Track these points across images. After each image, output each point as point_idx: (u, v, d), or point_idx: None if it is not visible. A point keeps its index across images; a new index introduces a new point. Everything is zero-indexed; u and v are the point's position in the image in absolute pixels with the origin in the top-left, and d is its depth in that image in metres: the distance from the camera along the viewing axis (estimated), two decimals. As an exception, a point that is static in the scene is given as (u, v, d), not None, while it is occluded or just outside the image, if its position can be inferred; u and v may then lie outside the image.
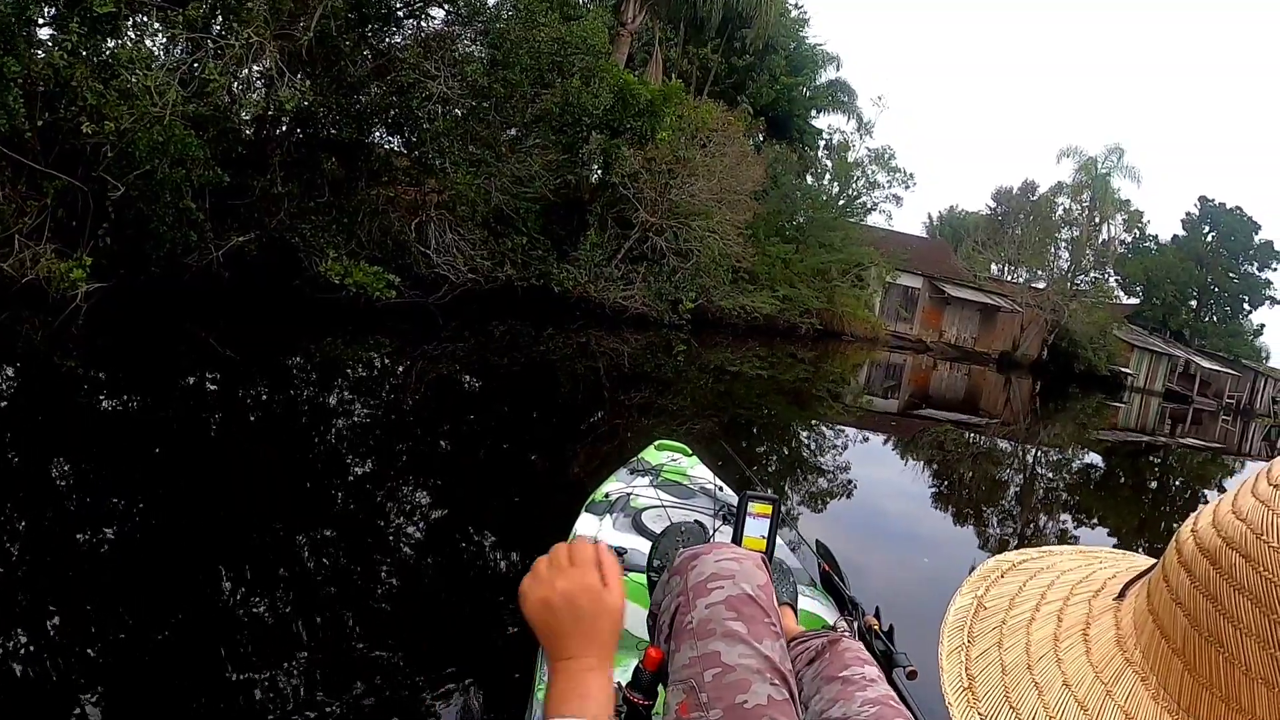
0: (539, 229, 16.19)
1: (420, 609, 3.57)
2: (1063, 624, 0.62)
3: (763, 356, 18.14)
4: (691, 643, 1.41)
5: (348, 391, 7.96)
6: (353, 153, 12.13)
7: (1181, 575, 0.53)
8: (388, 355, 10.49)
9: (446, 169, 12.55)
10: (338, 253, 11.05)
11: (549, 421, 8.50)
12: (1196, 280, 45.92)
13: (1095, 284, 36.30)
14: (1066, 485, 11.27)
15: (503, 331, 13.52)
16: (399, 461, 6.06)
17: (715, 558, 1.56)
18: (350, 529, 4.32)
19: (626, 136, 16.26)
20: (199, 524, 4.02)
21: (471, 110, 12.69)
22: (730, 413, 10.93)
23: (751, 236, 21.32)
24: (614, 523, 2.82)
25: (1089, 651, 0.59)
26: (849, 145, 32.14)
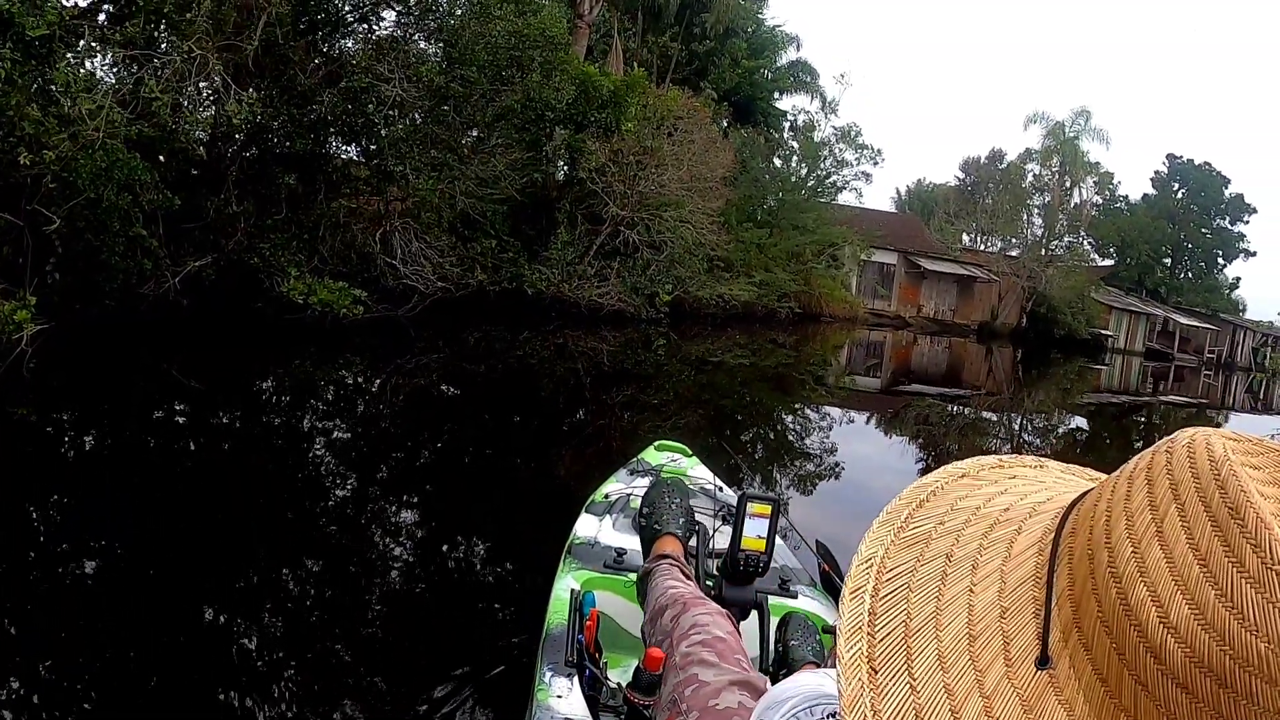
0: (508, 231, 15.84)
1: (422, 613, 3.60)
2: None
3: (743, 344, 18.05)
4: (676, 674, 1.65)
5: (323, 414, 7.64)
6: (309, 165, 11.68)
7: (1175, 692, 0.49)
8: (360, 374, 10.10)
9: (408, 175, 12.10)
10: (300, 271, 10.62)
11: (531, 427, 8.29)
12: (1170, 238, 46.09)
13: (1070, 248, 36.36)
14: (1054, 451, 11.21)
15: (477, 339, 13.22)
16: (387, 477, 5.92)
17: (692, 614, 1.83)
18: (349, 540, 4.35)
19: (591, 130, 15.92)
20: (189, 559, 3.87)
21: (430, 112, 12.25)
22: (714, 404, 10.84)
23: (724, 223, 21.07)
24: (614, 523, 2.84)
25: None
26: (814, 125, 31.93)
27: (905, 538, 0.66)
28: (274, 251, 10.71)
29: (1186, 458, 0.53)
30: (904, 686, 0.58)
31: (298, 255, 10.98)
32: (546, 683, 1.87)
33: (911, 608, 0.62)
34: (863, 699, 0.58)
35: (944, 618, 0.61)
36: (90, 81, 8.83)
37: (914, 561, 0.64)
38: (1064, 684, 0.55)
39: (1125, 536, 0.53)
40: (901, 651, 0.60)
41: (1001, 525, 0.65)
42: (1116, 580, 0.53)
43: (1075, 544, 0.58)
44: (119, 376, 8.01)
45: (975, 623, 0.60)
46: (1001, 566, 0.62)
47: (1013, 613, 0.60)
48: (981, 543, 0.64)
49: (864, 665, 0.60)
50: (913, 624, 0.61)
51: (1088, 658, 0.54)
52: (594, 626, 2.06)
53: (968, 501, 0.68)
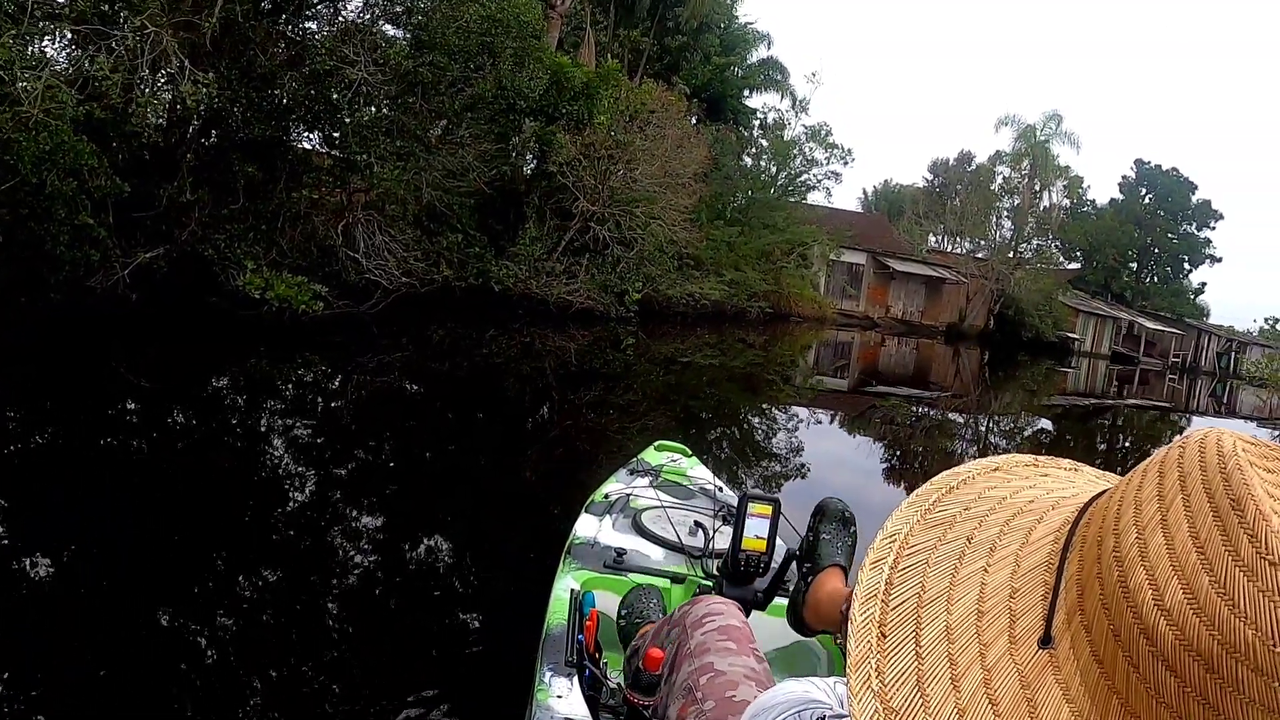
0: (474, 225, 15.46)
1: (422, 613, 3.58)
2: (999, 707, 0.57)
3: (712, 344, 17.88)
4: (690, 660, 1.63)
5: (286, 415, 7.18)
6: (269, 153, 11.19)
7: (1164, 675, 0.52)
8: (321, 373, 9.59)
9: (372, 165, 11.60)
10: (256, 264, 10.14)
11: (494, 427, 7.96)
12: (1136, 242, 46.68)
13: (1039, 251, 36.61)
14: (1020, 451, 11.05)
15: (442, 336, 12.85)
16: (361, 479, 5.71)
17: (705, 604, 1.82)
18: (340, 543, 4.30)
19: (562, 122, 15.53)
20: (168, 567, 3.70)
21: (397, 99, 11.75)
22: (682, 404, 10.62)
23: (695, 221, 20.84)
24: (614, 523, 2.83)
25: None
26: (785, 123, 31.83)
27: (930, 519, 0.69)
28: (230, 243, 10.23)
29: (1198, 452, 0.55)
30: (909, 652, 0.61)
31: (255, 247, 10.51)
32: (546, 683, 1.86)
33: (927, 581, 0.65)
34: (869, 660, 0.62)
35: (956, 593, 0.63)
36: (38, 59, 8.38)
37: (935, 541, 0.67)
38: (1063, 664, 0.57)
39: (1131, 523, 0.55)
40: (912, 620, 0.63)
41: (1024, 515, 0.67)
42: (1119, 564, 0.55)
43: (1088, 532, 0.60)
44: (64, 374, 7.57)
45: (985, 600, 0.62)
46: (1018, 551, 0.64)
47: (1022, 593, 0.62)
48: (1002, 529, 0.66)
49: (874, 629, 0.63)
50: (925, 596, 0.64)
51: (1087, 639, 0.56)
52: (594, 626, 2.07)
53: (995, 491, 0.71)
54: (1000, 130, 41.77)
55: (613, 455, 7.05)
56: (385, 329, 11.66)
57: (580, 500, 3.11)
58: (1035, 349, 34.02)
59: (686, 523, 2.83)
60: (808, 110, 31.88)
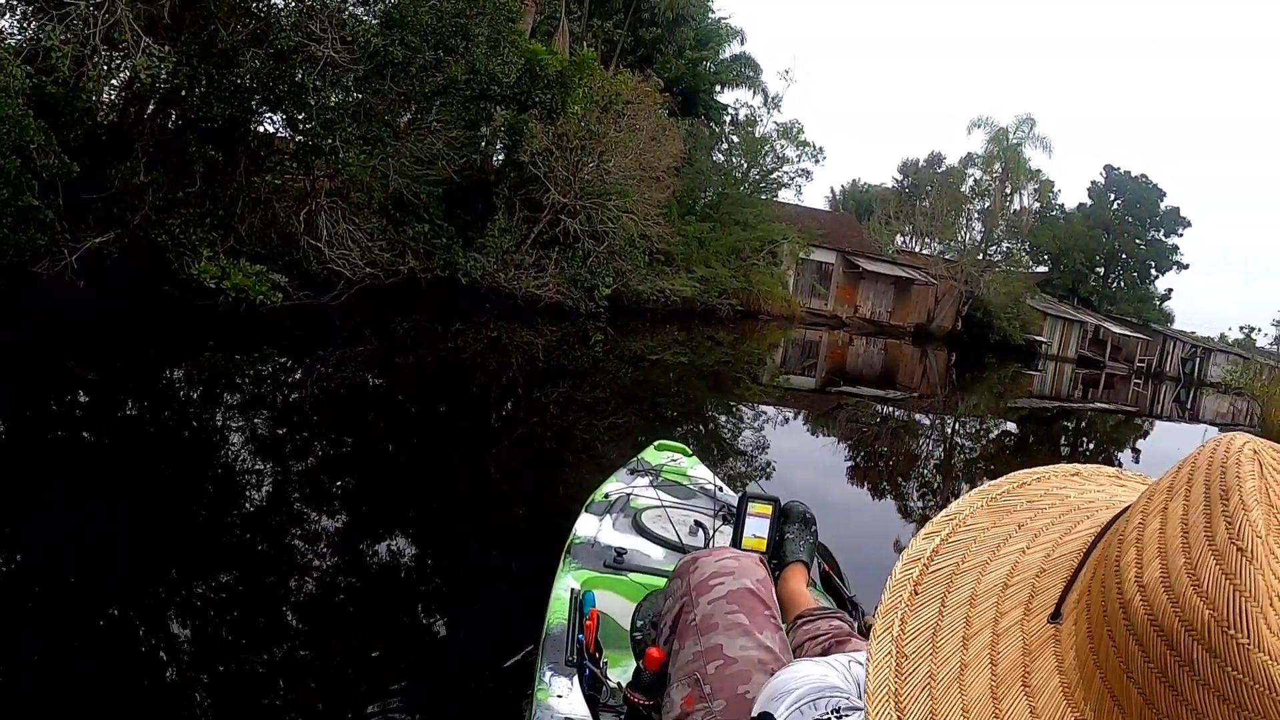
0: (442, 215, 15.05)
1: (422, 613, 3.58)
2: (998, 668, 0.61)
3: (682, 341, 17.74)
4: (695, 637, 1.49)
5: (241, 414, 6.77)
6: (229, 134, 10.71)
7: (1134, 650, 0.54)
8: (279, 368, 9.09)
9: (337, 149, 11.06)
10: (213, 251, 9.65)
11: (464, 425, 7.69)
12: (1104, 247, 47.18)
13: (1009, 254, 36.75)
14: (985, 454, 11.45)
15: (407, 329, 12.48)
16: (333, 482, 5.50)
17: (715, 559, 1.66)
18: (335, 541, 4.24)
19: (535, 111, 15.16)
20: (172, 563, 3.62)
21: (365, 81, 11.19)
22: (649, 401, 10.50)
23: (665, 215, 20.58)
24: (614, 523, 2.83)
25: (1034, 711, 0.59)
26: (756, 120, 31.68)
27: (991, 505, 0.71)
28: (185, 228, 9.71)
29: (1212, 450, 0.57)
30: (934, 610, 0.65)
31: (211, 233, 10.00)
32: (546, 682, 1.86)
33: (968, 555, 0.68)
34: (896, 611, 0.66)
35: (990, 567, 0.66)
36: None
37: (989, 524, 0.70)
38: (1064, 638, 0.60)
39: (1140, 510, 0.58)
40: (944, 584, 0.66)
41: (1078, 511, 0.69)
42: (1120, 545, 0.57)
43: (1119, 524, 0.62)
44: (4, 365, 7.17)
45: (1014, 575, 0.65)
46: (1058, 539, 0.67)
47: (1048, 573, 0.64)
48: (1053, 520, 0.69)
49: (909, 587, 0.67)
50: (963, 566, 0.67)
51: (1087, 616, 0.59)
52: (594, 626, 2.05)
53: (1061, 492, 0.73)
54: (973, 132, 41.72)
55: (579, 455, 7.05)
56: (348, 321, 11.27)
57: (554, 499, 3.34)
58: (1002, 351, 34.21)
59: (686, 522, 2.83)
60: (780, 107, 31.67)
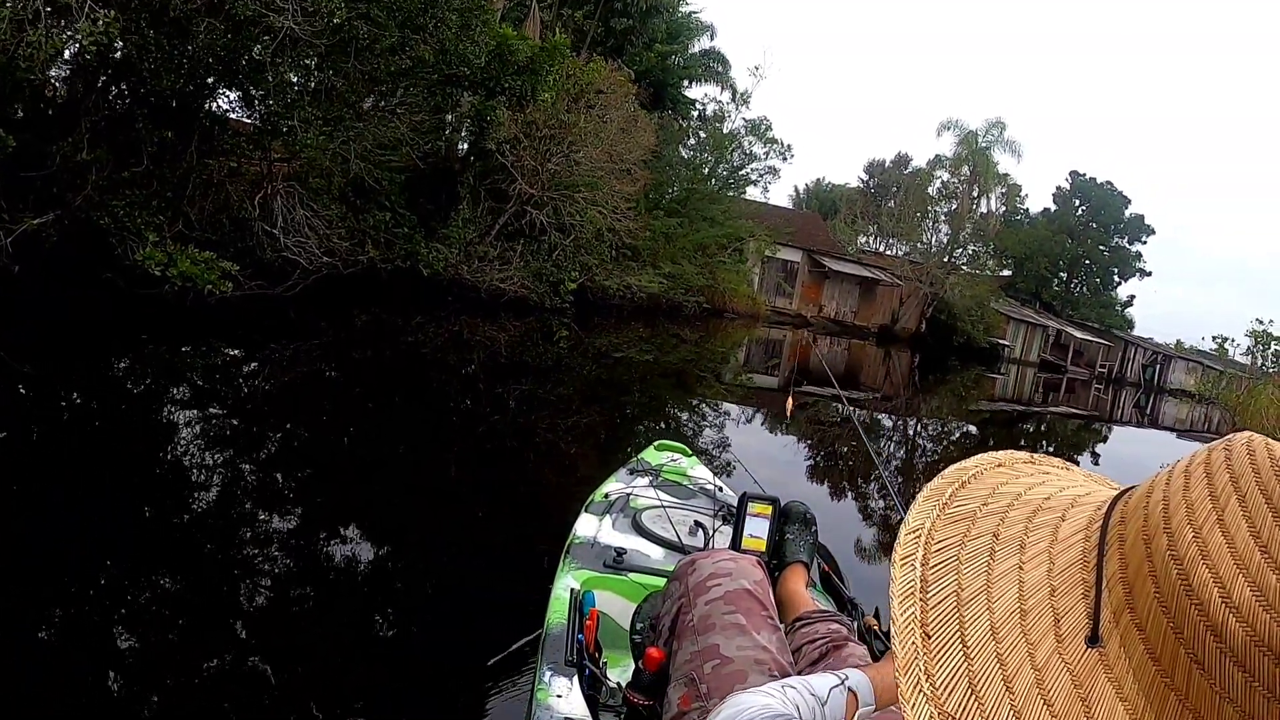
0: (404, 203, 14.50)
1: (422, 613, 3.56)
2: (1055, 707, 0.58)
3: (647, 339, 17.49)
4: (693, 638, 1.51)
5: (184, 409, 6.33)
6: (180, 110, 10.11)
7: (1233, 671, 0.52)
8: (228, 362, 8.47)
9: (296, 129, 10.47)
10: (159, 236, 9.03)
11: (423, 422, 7.34)
12: (1068, 253, 47.54)
13: (975, 257, 36.85)
14: (946, 456, 11.36)
15: (366, 322, 12.00)
16: (301, 481, 5.30)
17: (713, 560, 1.69)
18: (335, 544, 4.16)
19: (504, 98, 14.68)
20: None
21: (327, 57, 10.53)
22: (613, 400, 10.36)
23: (633, 209, 20.22)
24: (614, 523, 2.83)
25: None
26: (725, 115, 31.43)
27: (950, 514, 0.69)
28: (130, 211, 9.07)
29: (1246, 455, 0.57)
30: (957, 654, 0.61)
31: (158, 217, 9.37)
32: (546, 682, 1.85)
33: (962, 579, 0.64)
34: (917, 663, 0.60)
35: (995, 591, 0.63)
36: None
37: (960, 536, 0.68)
38: (1114, 662, 0.58)
39: (1185, 523, 0.56)
40: (954, 620, 0.62)
41: (1045, 512, 0.68)
42: (1177, 562, 0.55)
43: (1126, 531, 0.61)
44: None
45: (1026, 598, 0.62)
46: (1049, 549, 0.65)
47: (1062, 592, 0.62)
48: (1027, 525, 0.67)
49: (918, 630, 0.62)
50: (964, 594, 0.63)
51: (1140, 637, 0.57)
52: (594, 626, 2.05)
53: (1008, 488, 0.72)
54: (942, 135, 41.76)
55: (541, 455, 6.93)
56: (303, 313, 10.75)
57: (520, 497, 3.50)
58: (966, 354, 34.28)
59: (686, 522, 2.83)
60: (749, 104, 31.44)
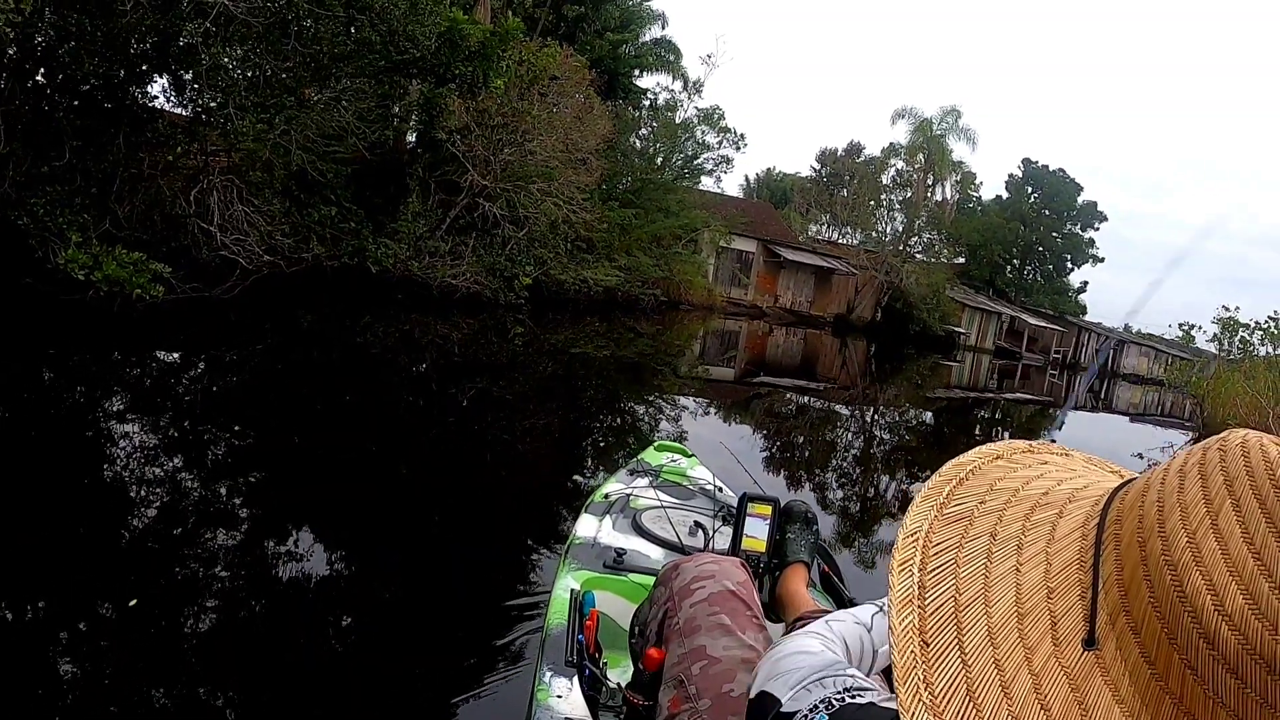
0: (350, 197, 13.82)
1: (422, 614, 3.50)
2: (1052, 712, 0.58)
3: (603, 333, 17.07)
4: (679, 640, 1.51)
5: (106, 417, 5.78)
6: (106, 98, 9.43)
7: (1225, 678, 0.53)
8: (163, 371, 7.73)
9: (232, 116, 9.78)
10: (84, 236, 8.34)
11: (371, 428, 6.88)
12: (1022, 239, 47.90)
13: (930, 245, 36.96)
14: (902, 444, 11.52)
15: (311, 322, 11.38)
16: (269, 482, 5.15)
17: (696, 563, 1.69)
18: (337, 544, 4.14)
19: (454, 85, 14.03)
20: None
21: (264, 37, 9.82)
22: (567, 398, 10.04)
23: (590, 200, 19.73)
24: (614, 523, 2.83)
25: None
26: (676, 105, 31.08)
27: (948, 514, 0.68)
28: (50, 209, 8.39)
29: (1240, 456, 0.57)
30: (955, 660, 0.60)
31: (82, 216, 8.67)
32: (546, 683, 1.85)
33: (960, 583, 0.64)
34: (915, 671, 0.60)
35: (993, 594, 0.63)
36: None
37: (958, 538, 0.66)
38: (1110, 665, 0.58)
39: (1180, 527, 0.56)
40: (952, 626, 0.62)
41: (1042, 508, 0.67)
42: (1171, 568, 0.55)
43: (1122, 531, 0.60)
44: None
45: (1024, 601, 0.62)
46: (1046, 549, 0.64)
47: (1059, 594, 0.62)
48: (1024, 524, 0.66)
49: (915, 638, 0.62)
50: (962, 599, 0.63)
51: (1135, 641, 0.57)
52: (594, 626, 2.06)
53: (1005, 483, 0.71)
54: (897, 122, 41.76)
55: (501, 451, 6.73)
56: (243, 316, 10.11)
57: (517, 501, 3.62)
58: (922, 342, 34.40)
59: (686, 523, 2.82)
60: (701, 93, 31.14)
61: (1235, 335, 21.26)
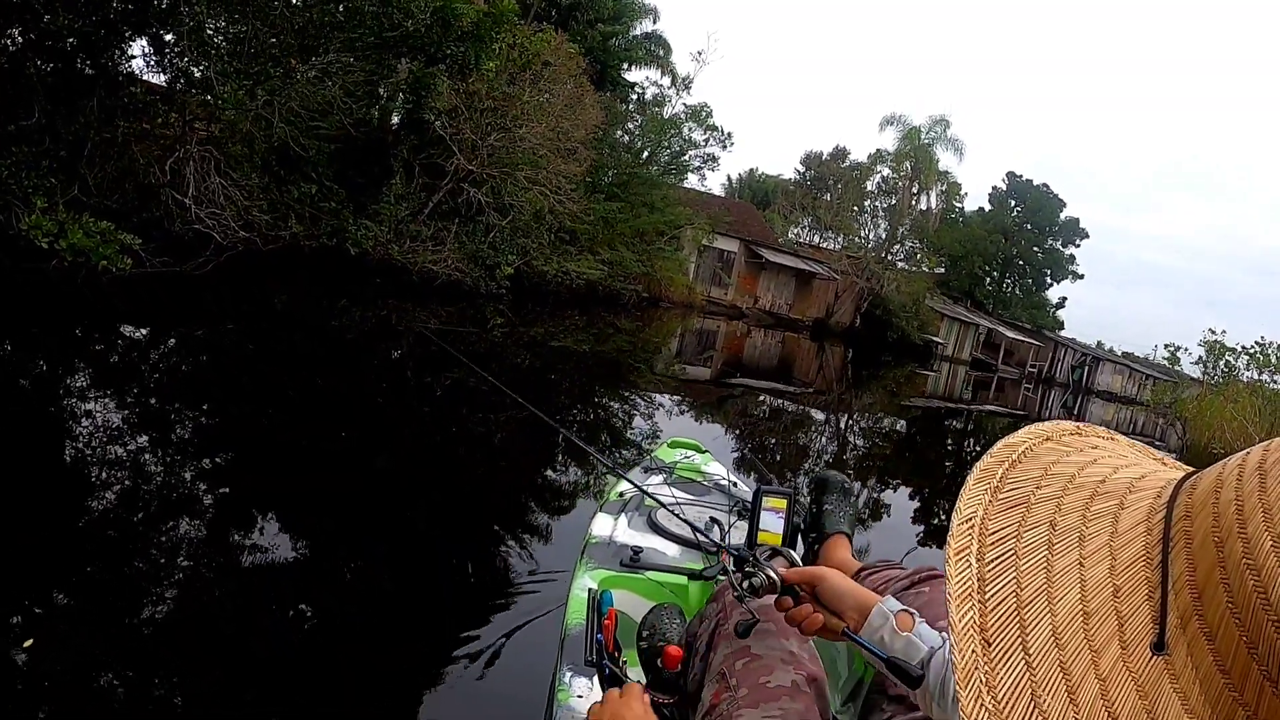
0: (332, 175, 13.39)
1: (442, 615, 3.51)
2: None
3: (583, 328, 16.84)
4: (728, 641, 1.57)
5: (66, 395, 5.47)
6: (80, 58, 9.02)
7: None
8: (126, 348, 7.40)
9: (212, 81, 9.43)
10: (50, 201, 7.90)
11: (358, 416, 6.67)
12: (1002, 252, 48.14)
13: (912, 254, 36.96)
14: (876, 451, 11.51)
15: (286, 303, 11.00)
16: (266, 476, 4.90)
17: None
18: (348, 543, 4.11)
19: (444, 65, 13.64)
20: None
21: (251, 1, 9.52)
22: (540, 393, 9.59)
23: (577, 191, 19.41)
24: (629, 521, 2.83)
25: None
26: (664, 100, 30.84)
27: (1003, 499, 0.65)
28: (16, 172, 7.92)
29: None
30: (1020, 662, 0.57)
31: (49, 180, 8.21)
32: (566, 683, 1.88)
33: (1021, 576, 0.60)
34: (977, 673, 0.57)
35: (1055, 591, 0.59)
36: None
37: (1016, 526, 0.63)
38: (1180, 672, 0.55)
39: (1264, 530, 0.52)
40: (1015, 623, 0.59)
41: (1102, 498, 0.64)
42: (1254, 573, 0.52)
43: (1194, 529, 0.57)
44: None
45: (1089, 599, 0.59)
46: (1109, 542, 0.61)
47: (1126, 593, 0.58)
48: (1084, 514, 0.63)
49: (977, 636, 0.59)
50: (1024, 594, 0.60)
51: (1209, 648, 0.54)
52: (612, 625, 1.98)
53: (1060, 468, 0.67)
54: (885, 129, 41.69)
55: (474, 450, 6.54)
56: (216, 294, 9.72)
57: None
58: (900, 350, 34.45)
59: (702, 519, 2.79)
60: (690, 89, 30.91)
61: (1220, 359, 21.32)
